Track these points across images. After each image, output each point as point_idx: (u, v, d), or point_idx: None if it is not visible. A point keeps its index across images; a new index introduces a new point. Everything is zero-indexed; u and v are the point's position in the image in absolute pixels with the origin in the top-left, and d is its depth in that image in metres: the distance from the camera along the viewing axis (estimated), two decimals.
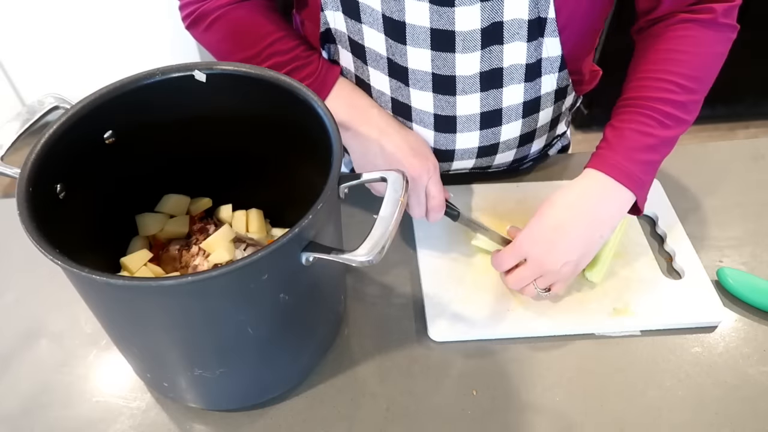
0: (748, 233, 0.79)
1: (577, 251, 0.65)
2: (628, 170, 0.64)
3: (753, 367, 0.66)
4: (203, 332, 0.52)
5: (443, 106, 0.70)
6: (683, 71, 0.65)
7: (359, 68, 0.72)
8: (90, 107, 0.56)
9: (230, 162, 0.67)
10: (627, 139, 0.65)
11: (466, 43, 0.64)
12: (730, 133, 2.24)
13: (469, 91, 0.68)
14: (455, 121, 0.72)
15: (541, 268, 0.65)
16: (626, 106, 0.67)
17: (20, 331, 0.69)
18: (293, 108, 0.57)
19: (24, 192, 0.49)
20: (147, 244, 0.69)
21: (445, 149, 0.75)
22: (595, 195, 0.65)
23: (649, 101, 0.65)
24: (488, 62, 0.66)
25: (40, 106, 0.60)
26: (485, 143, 0.75)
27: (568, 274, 0.66)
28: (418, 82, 0.69)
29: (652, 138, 0.65)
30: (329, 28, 0.70)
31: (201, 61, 0.61)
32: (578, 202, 0.65)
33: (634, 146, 0.65)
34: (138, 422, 0.61)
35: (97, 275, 0.43)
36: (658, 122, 0.65)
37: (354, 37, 0.69)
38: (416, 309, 0.71)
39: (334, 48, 0.73)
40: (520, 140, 0.77)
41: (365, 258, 0.47)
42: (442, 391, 0.64)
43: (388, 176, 0.52)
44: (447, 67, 0.66)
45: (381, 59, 0.69)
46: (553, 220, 0.65)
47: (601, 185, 0.65)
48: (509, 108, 0.72)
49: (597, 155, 0.67)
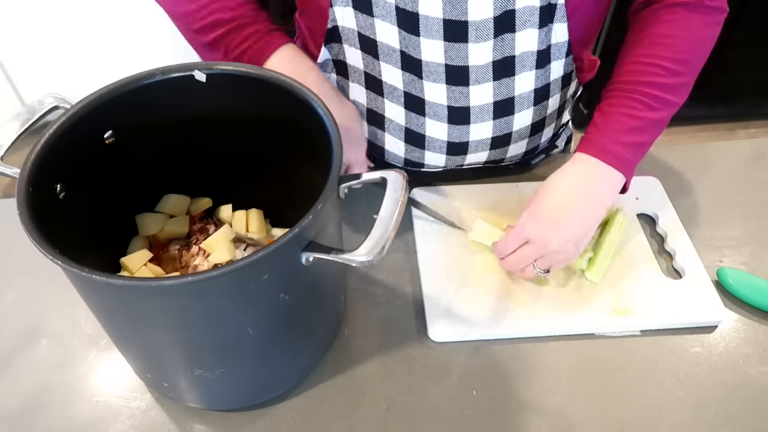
0: (748, 233, 0.79)
1: (577, 230, 0.66)
2: (616, 153, 0.66)
3: (753, 367, 0.66)
4: (203, 332, 0.52)
5: (456, 97, 0.71)
6: (670, 55, 0.66)
7: (369, 64, 0.72)
8: (90, 107, 0.56)
9: (230, 162, 0.67)
10: (614, 122, 0.67)
11: (479, 33, 0.64)
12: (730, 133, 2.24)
13: (482, 80, 0.69)
14: (468, 112, 0.72)
15: (544, 247, 0.66)
16: (614, 90, 0.68)
17: (20, 331, 0.69)
18: (293, 108, 0.57)
19: (24, 192, 0.49)
20: (147, 244, 0.69)
21: (459, 141, 0.76)
22: (588, 177, 0.67)
23: (636, 85, 0.66)
24: (500, 51, 0.67)
25: (40, 106, 0.60)
26: (498, 133, 0.76)
27: (569, 254, 0.67)
28: (432, 74, 0.69)
29: (639, 120, 0.66)
30: (336, 25, 0.70)
31: (201, 61, 0.61)
32: (574, 185, 0.67)
33: (621, 129, 0.66)
34: (138, 422, 0.61)
35: (97, 275, 0.43)
36: (645, 105, 0.66)
37: (365, 33, 0.69)
38: (416, 309, 0.71)
39: (338, 47, 0.73)
40: (532, 129, 0.78)
41: (365, 258, 0.47)
42: (442, 391, 0.64)
43: (388, 176, 0.52)
44: (460, 57, 0.67)
45: (394, 53, 0.69)
46: (552, 202, 0.67)
47: (592, 168, 0.67)
48: (521, 96, 0.73)
49: (586, 139, 0.68)
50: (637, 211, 0.81)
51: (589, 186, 0.67)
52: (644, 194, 0.82)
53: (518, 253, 0.68)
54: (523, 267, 0.69)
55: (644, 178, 0.84)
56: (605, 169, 0.66)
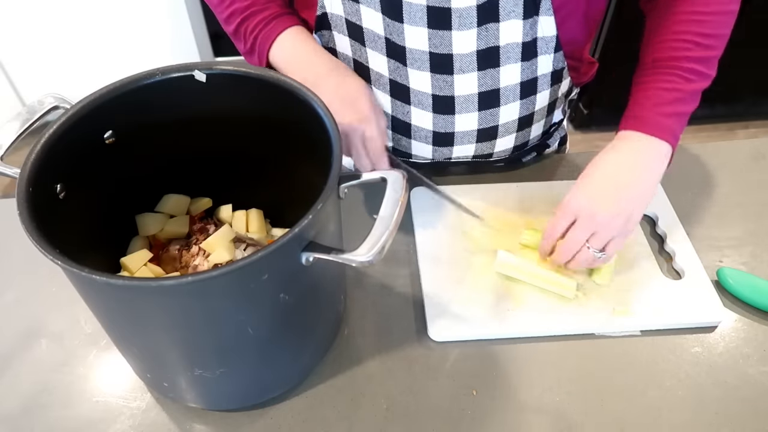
0: (748, 233, 0.79)
1: (628, 202, 0.65)
2: (660, 123, 0.67)
3: (753, 367, 0.66)
4: (203, 332, 0.52)
5: (441, 86, 0.71)
6: (700, 30, 0.67)
7: (357, 51, 0.73)
8: (90, 107, 0.56)
9: (230, 162, 0.67)
10: (655, 97, 0.68)
11: (462, 20, 0.65)
12: (730, 133, 2.24)
13: (467, 69, 0.69)
14: (453, 101, 0.72)
15: (593, 221, 0.65)
16: (650, 68, 0.69)
17: (20, 331, 0.69)
18: (293, 108, 0.57)
19: (24, 192, 0.49)
20: (147, 244, 0.69)
21: (445, 132, 0.76)
22: (637, 151, 0.67)
23: (671, 60, 0.68)
24: (485, 40, 0.67)
25: (40, 106, 0.60)
26: (484, 125, 0.76)
27: (621, 229, 0.66)
28: (416, 62, 0.69)
29: (678, 92, 0.67)
30: (325, 12, 0.71)
31: (201, 61, 0.61)
32: (623, 159, 0.67)
33: (662, 102, 0.67)
34: (138, 422, 0.61)
35: (97, 275, 0.43)
36: (682, 78, 0.67)
37: (351, 19, 0.70)
38: (416, 309, 0.71)
39: (329, 34, 0.74)
40: (519, 124, 0.78)
41: (365, 258, 0.47)
42: (442, 391, 0.64)
43: (388, 176, 0.53)
44: (444, 45, 0.67)
45: (379, 39, 0.69)
46: (602, 175, 0.67)
47: (639, 142, 0.67)
48: (507, 88, 0.73)
49: (629, 117, 0.68)
50: None
51: (639, 159, 0.67)
52: None
53: (568, 237, 0.67)
54: (576, 251, 0.67)
55: None
56: (651, 140, 0.66)
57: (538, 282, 0.70)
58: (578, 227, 0.66)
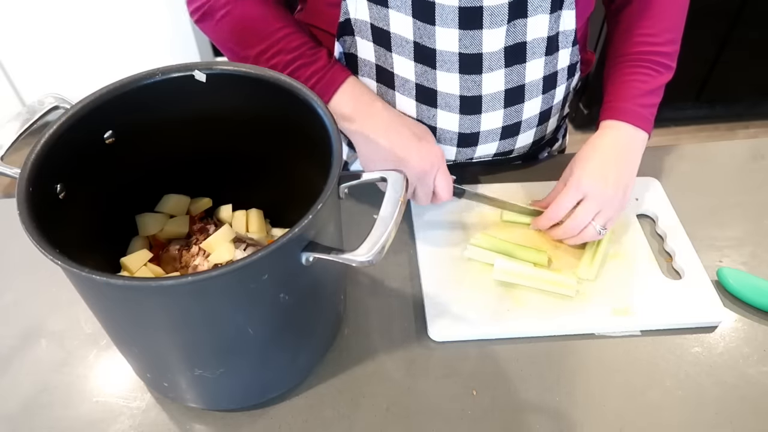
0: (748, 233, 0.79)
1: (624, 181, 0.73)
2: (639, 114, 0.75)
3: (753, 367, 0.66)
4: (203, 332, 0.52)
5: (469, 86, 0.72)
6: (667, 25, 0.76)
7: (381, 57, 0.73)
8: (90, 107, 0.56)
9: (230, 162, 0.67)
10: (632, 89, 0.76)
11: (494, 18, 0.66)
12: (730, 133, 2.24)
13: (495, 67, 0.71)
14: (480, 101, 0.73)
15: (601, 199, 0.71)
16: (624, 62, 0.77)
17: (20, 331, 0.69)
18: (293, 108, 0.57)
19: (24, 192, 0.49)
20: (147, 244, 0.69)
21: (470, 132, 0.76)
22: (622, 138, 0.75)
23: (644, 55, 0.76)
24: (513, 36, 0.68)
25: (40, 106, 0.60)
26: (509, 122, 0.77)
27: (619, 202, 0.73)
28: (445, 64, 0.70)
29: (650, 85, 0.76)
30: (349, 18, 0.71)
31: (201, 61, 0.61)
32: (612, 144, 0.74)
33: (638, 94, 0.75)
34: (138, 422, 0.61)
35: (97, 275, 0.43)
36: (654, 71, 0.76)
37: (378, 24, 0.69)
38: (416, 309, 0.71)
39: (351, 40, 0.73)
40: (540, 118, 0.80)
41: (365, 258, 0.47)
42: (442, 391, 0.64)
43: (388, 176, 0.53)
44: (474, 45, 0.68)
45: (407, 44, 0.69)
46: (600, 158, 0.73)
47: (623, 131, 0.75)
48: (531, 84, 0.74)
49: (609, 108, 0.76)
50: (637, 211, 0.81)
51: (628, 144, 0.75)
52: (644, 194, 0.83)
53: (576, 214, 0.71)
54: (584, 227, 0.72)
55: (644, 179, 0.84)
56: (633, 129, 0.74)
57: (539, 284, 0.71)
58: (587, 204, 0.71)
